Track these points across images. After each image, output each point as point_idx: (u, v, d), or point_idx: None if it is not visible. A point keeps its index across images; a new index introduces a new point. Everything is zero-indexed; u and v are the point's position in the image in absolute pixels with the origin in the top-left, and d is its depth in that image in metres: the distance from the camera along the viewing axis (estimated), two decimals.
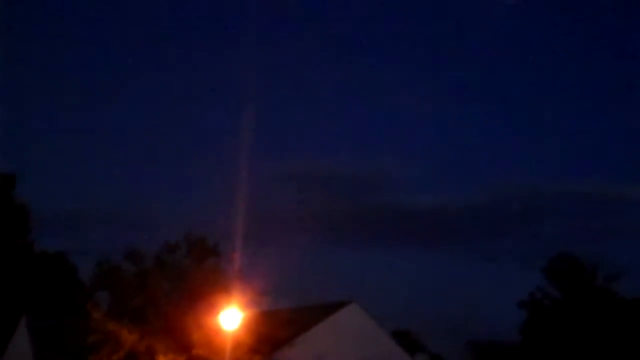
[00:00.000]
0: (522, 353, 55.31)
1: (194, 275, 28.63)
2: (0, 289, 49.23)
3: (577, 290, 54.57)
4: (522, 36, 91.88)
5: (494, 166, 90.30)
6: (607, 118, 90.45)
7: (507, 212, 77.99)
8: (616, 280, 52.74)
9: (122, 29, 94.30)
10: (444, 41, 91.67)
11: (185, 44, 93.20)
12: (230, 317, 25.82)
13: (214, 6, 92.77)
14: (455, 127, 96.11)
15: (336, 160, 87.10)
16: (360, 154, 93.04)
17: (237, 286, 27.73)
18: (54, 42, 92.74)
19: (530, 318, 55.54)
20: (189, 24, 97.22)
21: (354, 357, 33.45)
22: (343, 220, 72.09)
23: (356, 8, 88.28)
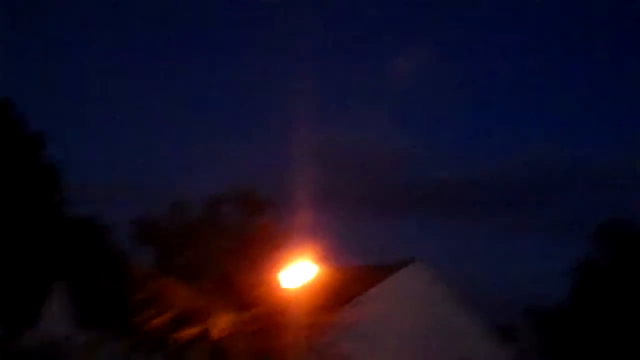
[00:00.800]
0: (573, 318, 53.21)
1: (245, 229, 26.24)
2: (31, 253, 47.47)
3: (630, 254, 52.28)
4: None
5: (533, 135, 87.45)
6: None
7: (546, 181, 75.38)
8: None
9: None
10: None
11: None
12: (291, 275, 23.30)
13: None
14: (489, 96, 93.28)
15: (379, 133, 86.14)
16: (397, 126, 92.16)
17: (296, 242, 25.17)
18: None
19: (580, 284, 53.26)
20: None
21: (418, 317, 31.29)
22: (385, 192, 70.49)
23: None
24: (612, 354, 41.05)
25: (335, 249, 26.24)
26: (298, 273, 22.98)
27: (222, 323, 23.84)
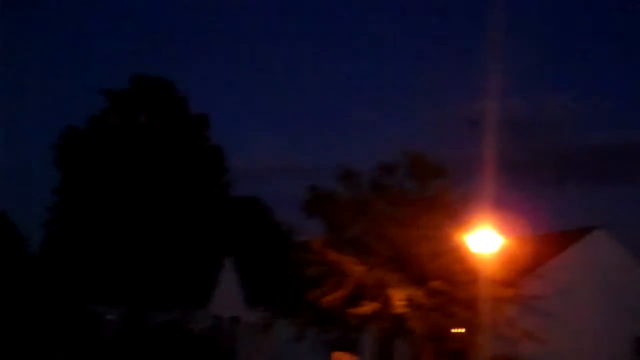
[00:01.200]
0: None
1: (418, 198, 24.56)
2: (201, 231, 48.50)
3: None
4: None
5: None
6: None
7: None
8: None
9: None
10: None
11: None
12: (472, 244, 21.52)
13: None
14: None
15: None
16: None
17: (473, 211, 23.14)
18: None
19: None
20: None
21: (600, 290, 28.52)
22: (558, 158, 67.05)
23: None
24: None
25: (513, 218, 24.04)
26: (479, 242, 21.15)
27: (400, 297, 22.28)
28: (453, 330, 23.71)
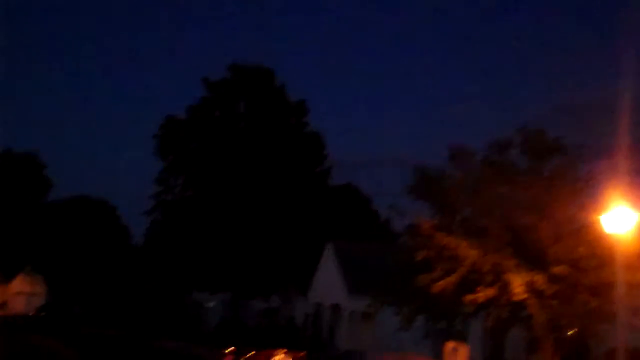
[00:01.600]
0: None
1: (537, 177, 22.83)
2: (300, 218, 47.98)
3: None
4: None
5: None
6: None
7: None
8: None
9: None
10: None
11: None
12: (605, 225, 19.31)
13: None
14: None
15: None
16: None
17: (605, 188, 21.06)
18: None
19: None
20: None
21: None
22: None
23: None
24: None
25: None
26: (612, 222, 19.01)
27: (519, 283, 20.71)
28: (581, 320, 21.82)
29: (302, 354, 27.78)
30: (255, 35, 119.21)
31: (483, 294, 21.35)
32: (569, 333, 23.13)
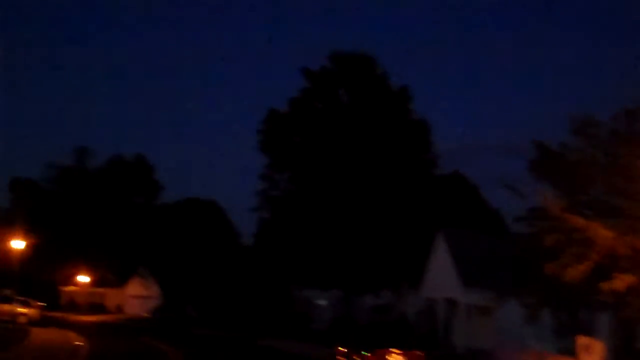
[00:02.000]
0: None
1: None
2: (409, 209, 46.05)
3: None
4: None
5: None
6: None
7: None
8: None
9: None
10: None
11: None
12: None
13: None
14: None
15: None
16: None
17: None
18: None
19: None
20: None
21: None
22: None
23: None
24: None
25: None
26: None
27: None
28: None
29: (420, 353, 25.77)
30: (354, 22, 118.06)
31: (621, 281, 18.80)
32: None
